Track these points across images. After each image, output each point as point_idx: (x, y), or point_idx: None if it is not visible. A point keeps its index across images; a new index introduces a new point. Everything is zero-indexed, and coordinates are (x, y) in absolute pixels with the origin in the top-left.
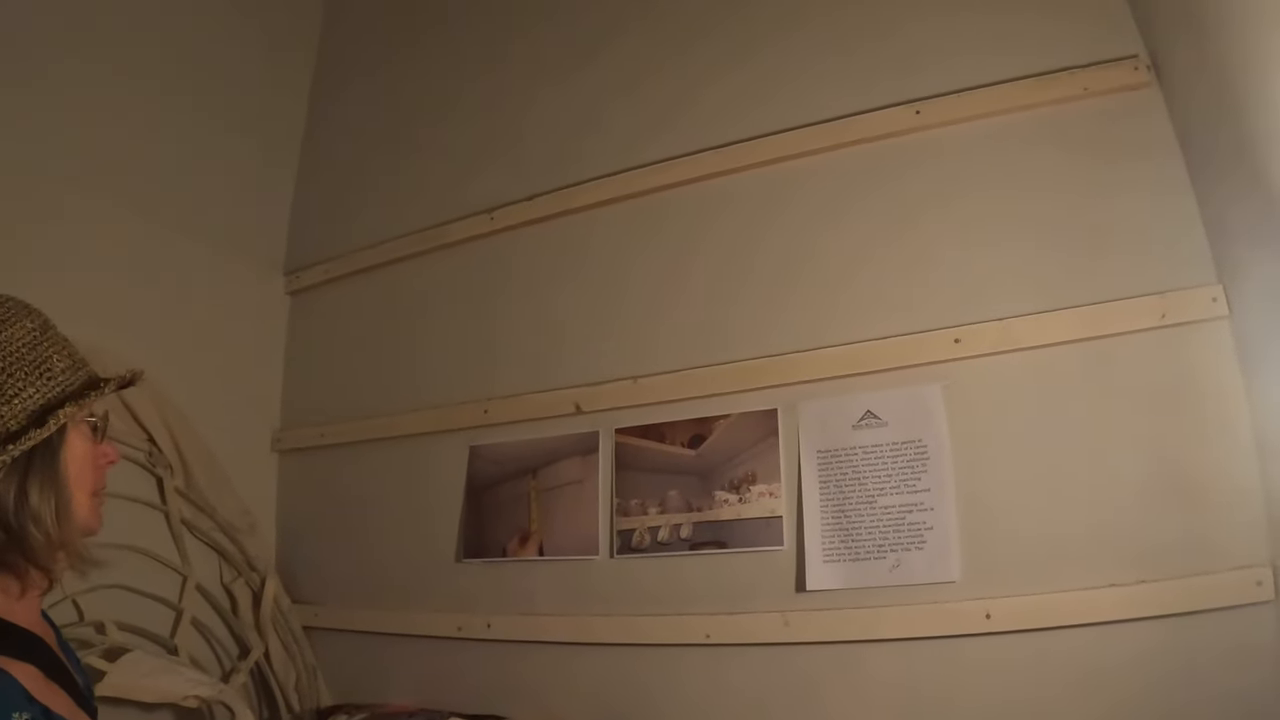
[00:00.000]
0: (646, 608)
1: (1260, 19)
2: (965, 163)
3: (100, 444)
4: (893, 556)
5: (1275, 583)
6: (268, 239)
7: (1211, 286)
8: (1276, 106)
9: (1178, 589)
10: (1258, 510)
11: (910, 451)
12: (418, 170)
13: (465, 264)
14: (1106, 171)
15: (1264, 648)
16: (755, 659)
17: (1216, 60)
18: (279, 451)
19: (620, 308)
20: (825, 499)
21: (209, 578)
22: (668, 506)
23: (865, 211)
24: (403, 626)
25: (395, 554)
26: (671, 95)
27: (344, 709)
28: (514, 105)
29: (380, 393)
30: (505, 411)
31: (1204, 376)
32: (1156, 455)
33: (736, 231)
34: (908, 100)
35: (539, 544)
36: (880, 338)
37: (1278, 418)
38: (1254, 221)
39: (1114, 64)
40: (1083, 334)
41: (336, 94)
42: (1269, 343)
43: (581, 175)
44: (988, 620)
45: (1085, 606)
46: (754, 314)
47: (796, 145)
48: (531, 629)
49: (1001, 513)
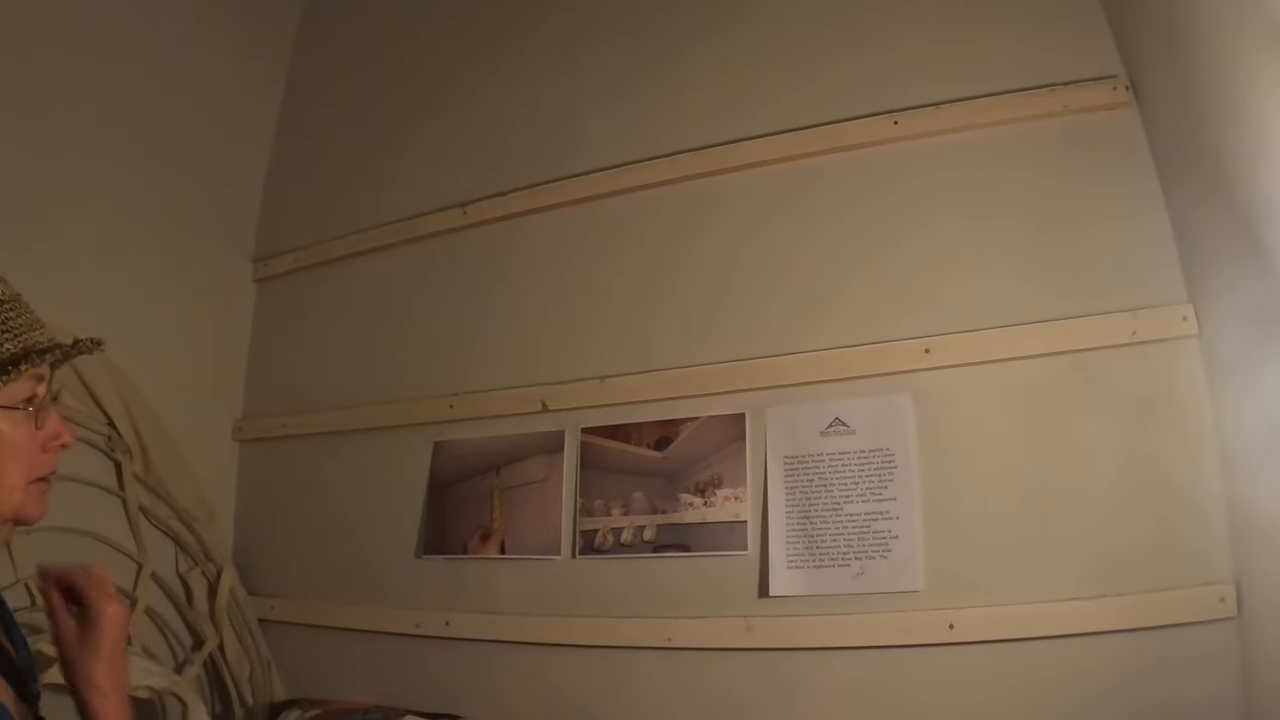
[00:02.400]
0: (608, 609)
1: (1238, 45)
2: (942, 175)
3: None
4: (857, 564)
5: (1238, 599)
6: (236, 225)
7: (1182, 305)
8: (1250, 131)
9: (1141, 603)
10: (1222, 527)
11: (877, 460)
12: (391, 161)
13: (436, 257)
14: (1082, 188)
15: (1226, 664)
16: (717, 664)
17: (1194, 83)
18: (240, 440)
19: (591, 307)
20: (791, 505)
21: (165, 567)
22: (632, 508)
23: (840, 220)
24: (360, 622)
25: (355, 548)
26: (652, 97)
27: (298, 704)
28: (492, 100)
29: (345, 384)
30: (471, 407)
31: (1172, 393)
32: (1122, 470)
33: (712, 235)
34: (886, 111)
35: (500, 542)
36: (850, 345)
37: (1244, 436)
38: (1225, 243)
39: (1094, 83)
40: (1053, 348)
41: (312, 84)
42: (1237, 362)
43: (558, 172)
44: (951, 630)
45: (1048, 619)
46: (725, 318)
47: (774, 151)
48: (491, 628)
49: (967, 524)
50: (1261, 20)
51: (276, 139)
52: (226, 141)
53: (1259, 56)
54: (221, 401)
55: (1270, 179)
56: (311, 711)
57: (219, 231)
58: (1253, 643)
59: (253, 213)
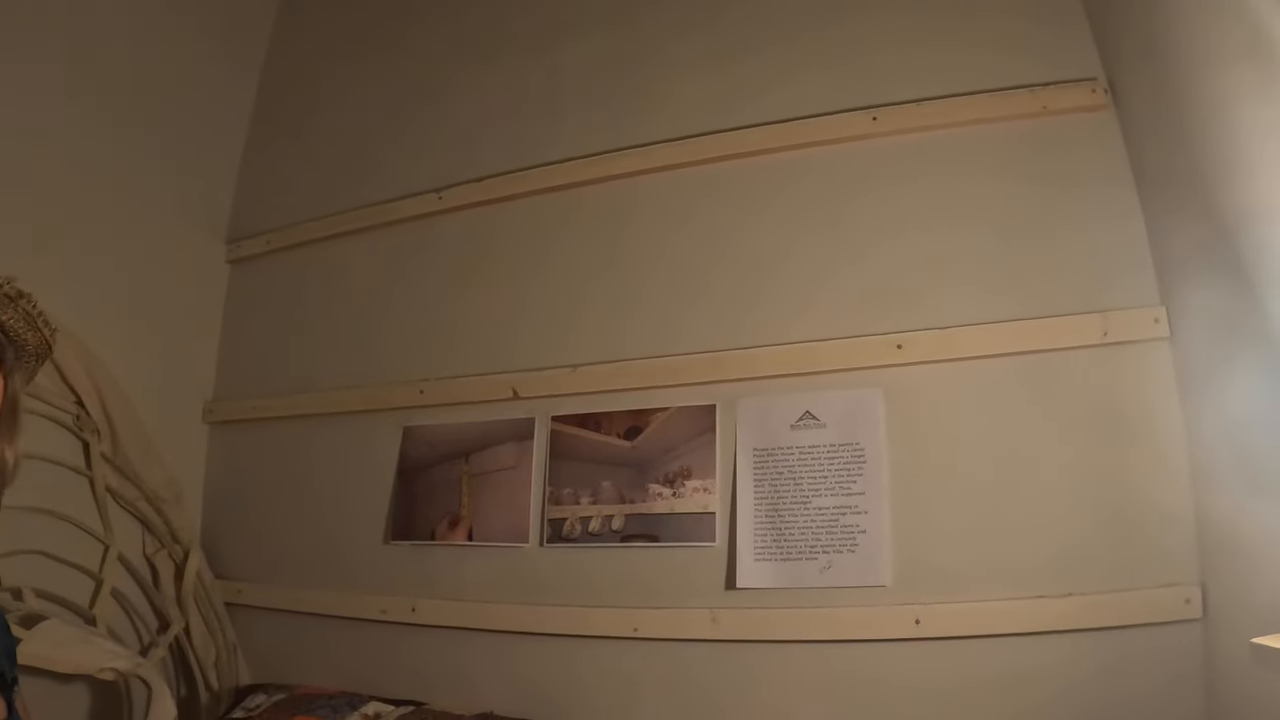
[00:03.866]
0: (575, 598)
1: (1217, 55)
2: (919, 173)
3: None
4: (824, 558)
5: (1203, 601)
6: (210, 206)
7: (1154, 308)
8: (1224, 140)
9: (1106, 603)
10: (1189, 529)
11: (847, 454)
12: (368, 145)
13: (410, 242)
14: (1059, 189)
15: (1189, 665)
16: (684, 654)
17: (1171, 90)
18: (210, 422)
19: (564, 295)
20: (760, 497)
21: (131, 548)
22: (600, 497)
23: (817, 214)
24: (326, 607)
25: (322, 533)
26: (632, 88)
27: (263, 688)
28: (472, 86)
29: (316, 368)
30: (442, 393)
31: (1142, 395)
32: (1092, 470)
33: (687, 226)
34: (866, 106)
35: (469, 529)
36: (823, 339)
37: (1212, 438)
38: (1198, 249)
39: (1073, 85)
40: (1025, 347)
41: (291, 65)
42: (1206, 365)
43: (535, 160)
44: (917, 625)
45: (1014, 616)
46: (698, 309)
47: (752, 144)
48: (457, 615)
49: (935, 519)
50: (1240, 32)
51: (253, 120)
52: (203, 122)
53: (1236, 69)
54: (192, 383)
55: (1243, 188)
56: (276, 696)
57: (193, 212)
58: (1216, 644)
59: (228, 194)
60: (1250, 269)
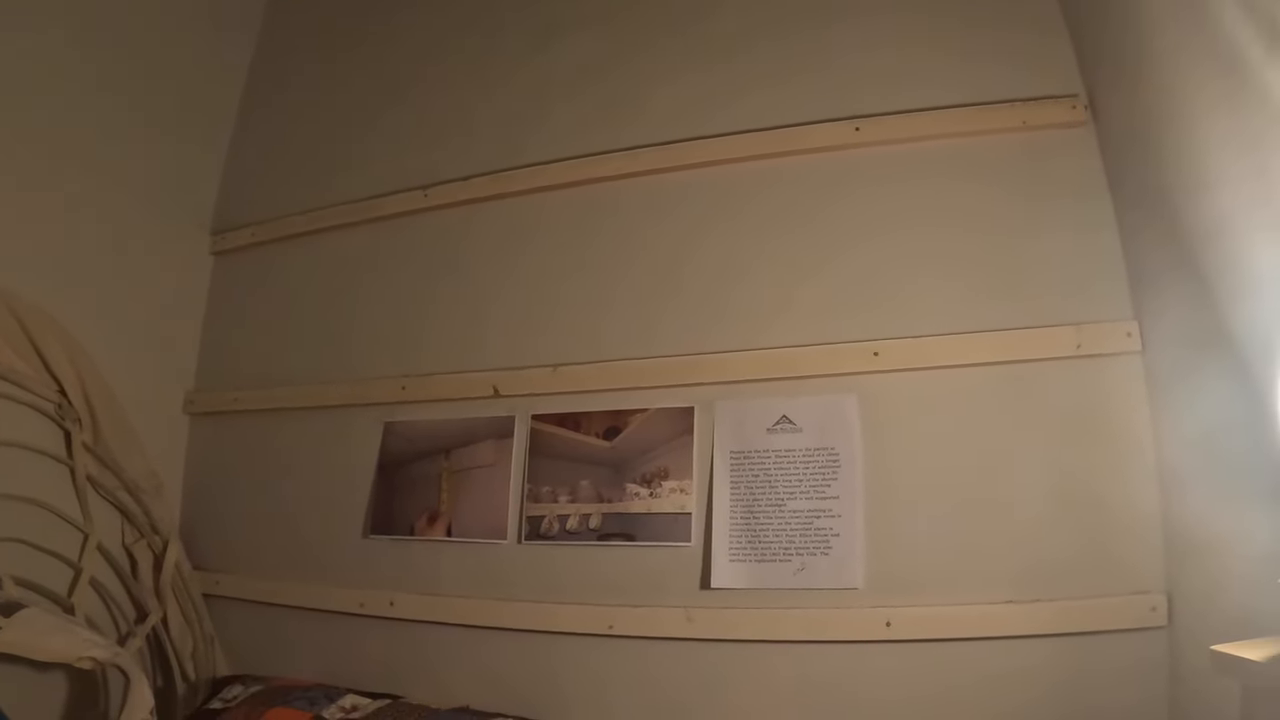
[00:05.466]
0: (552, 595)
1: (1190, 75)
2: (900, 183)
3: None
4: (798, 560)
5: (1169, 609)
6: (196, 197)
7: (1127, 322)
8: (1194, 158)
9: (1075, 609)
10: (1156, 539)
11: (822, 458)
12: (355, 141)
13: (396, 239)
14: (1036, 203)
15: (1155, 671)
16: (658, 652)
17: (1146, 107)
18: (191, 413)
19: (546, 294)
20: (735, 499)
21: (110, 538)
22: (579, 496)
23: (798, 221)
24: (305, 599)
25: (302, 526)
26: (617, 91)
27: (241, 679)
28: (459, 84)
29: (299, 361)
30: (423, 389)
31: (1114, 407)
32: (1062, 479)
33: (670, 230)
34: (848, 116)
35: (447, 524)
36: (801, 345)
37: (1180, 450)
38: (1170, 263)
39: (1053, 100)
40: (999, 357)
41: (280, 57)
42: (1176, 379)
43: (521, 160)
44: (888, 628)
45: (983, 620)
46: (678, 312)
47: (736, 150)
48: (435, 609)
49: (907, 524)
50: (1213, 53)
51: (241, 111)
52: (189, 113)
53: (1209, 88)
54: (173, 373)
55: (1209, 206)
56: (253, 687)
57: (177, 202)
58: (1181, 652)
59: (213, 185)
60: (1214, 285)
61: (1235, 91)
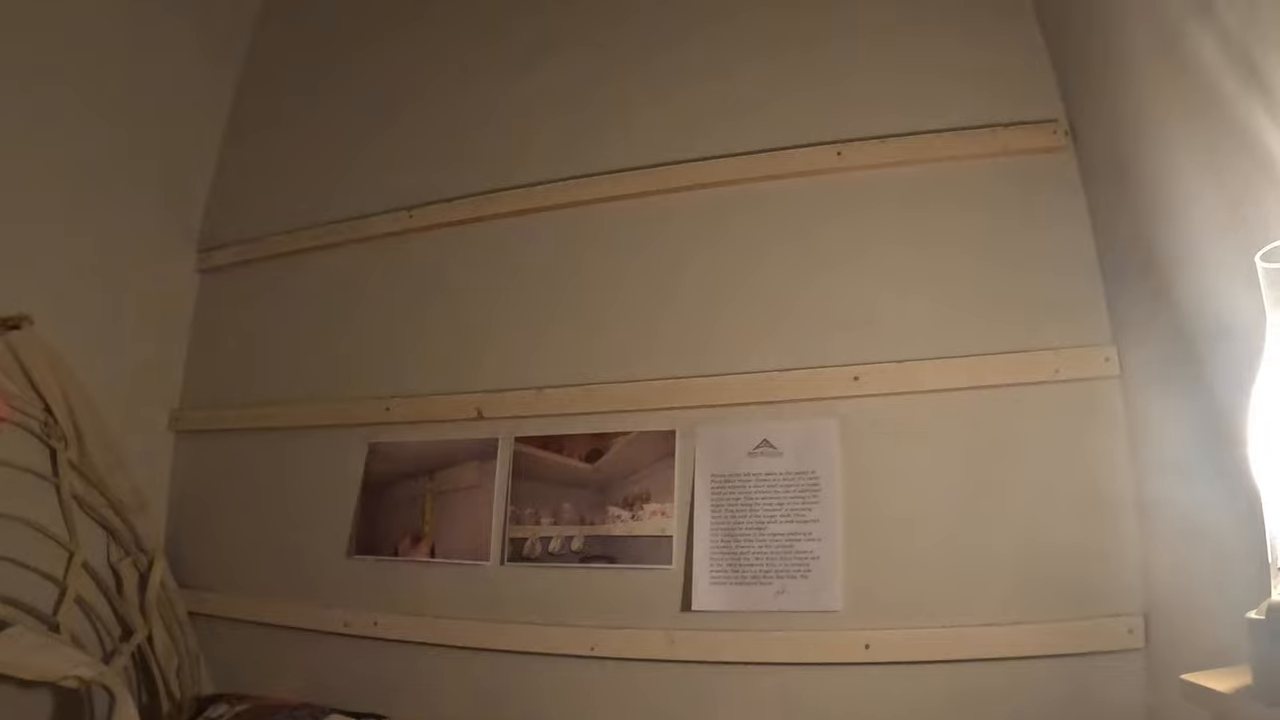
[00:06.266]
0: (534, 616)
1: (1166, 109)
2: (881, 208)
3: None
4: (778, 583)
5: (1146, 631)
6: (182, 215)
7: (1106, 347)
8: (1166, 192)
9: (1052, 631)
10: (1134, 561)
11: (803, 482)
12: (342, 161)
13: (381, 260)
14: (1016, 228)
15: (1132, 693)
16: (639, 674)
17: (1124, 138)
18: (176, 431)
19: (530, 317)
20: (716, 522)
21: (96, 556)
22: (561, 518)
23: (781, 246)
24: (290, 619)
25: (287, 545)
26: (601, 114)
27: (225, 698)
28: (444, 107)
29: (284, 381)
30: (407, 411)
31: (1092, 431)
32: (1040, 503)
33: (654, 254)
34: (831, 141)
35: (431, 545)
36: (783, 369)
37: (1158, 476)
38: (1147, 293)
39: (1034, 126)
40: (977, 382)
41: (268, 77)
42: (1153, 405)
43: (505, 182)
44: (867, 651)
45: (961, 643)
46: (661, 336)
47: (720, 174)
48: (418, 630)
49: (886, 548)
50: (1189, 86)
51: (228, 130)
52: (177, 131)
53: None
54: (159, 391)
55: (1182, 235)
56: (238, 706)
57: (165, 220)
58: (1157, 673)
59: (200, 203)
60: (1186, 313)
61: (1209, 124)
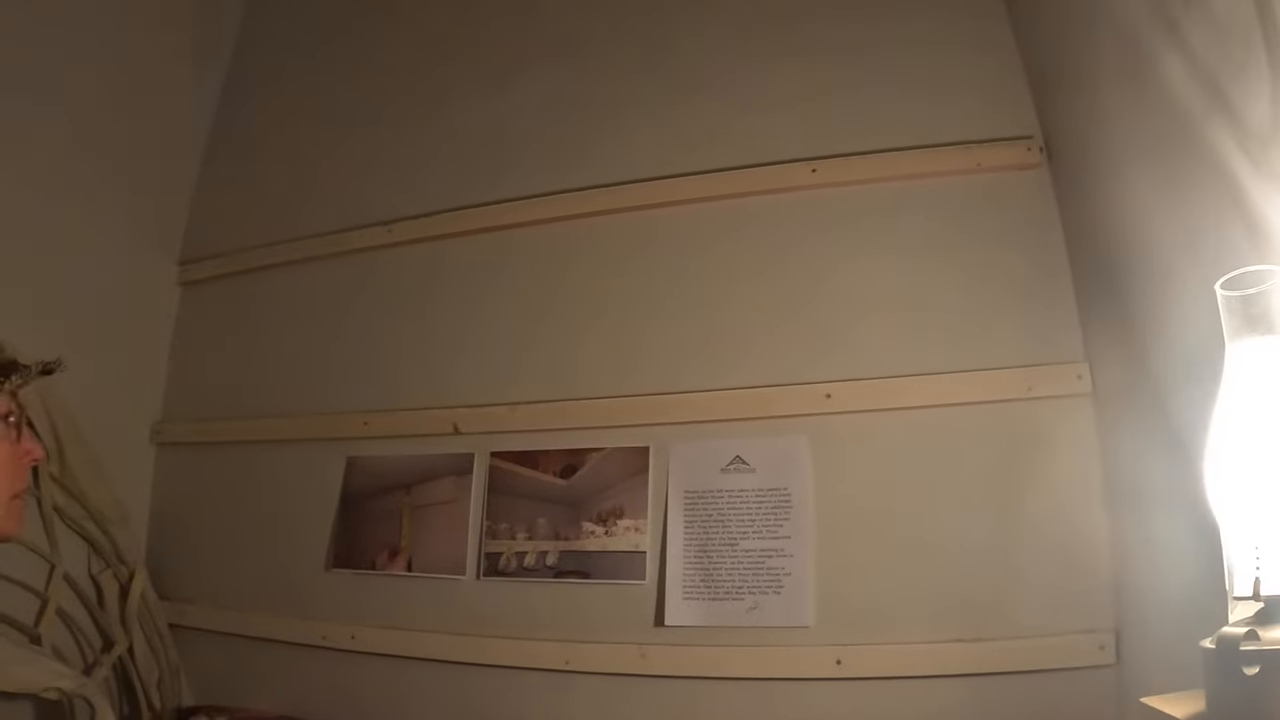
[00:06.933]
0: (508, 630)
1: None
2: (855, 224)
3: (21, 440)
4: (750, 598)
5: (1117, 647)
6: (163, 228)
7: (1078, 364)
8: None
9: (1024, 648)
10: (1105, 578)
11: (775, 499)
12: (321, 176)
13: (360, 274)
14: (990, 245)
15: (1103, 708)
16: (614, 689)
17: (1096, 157)
18: (158, 444)
19: (506, 333)
20: (689, 538)
21: (77, 567)
22: (536, 533)
23: (754, 263)
24: (268, 631)
25: (266, 557)
26: (582, 131)
27: (205, 710)
28: (421, 122)
29: (264, 394)
30: (385, 425)
31: (1064, 448)
32: (1013, 519)
33: (627, 271)
34: (805, 158)
35: (408, 559)
36: (755, 386)
37: (1129, 494)
38: (1117, 316)
39: (1008, 142)
40: (950, 399)
41: (249, 91)
42: (1123, 424)
43: (481, 198)
44: (838, 666)
45: (932, 659)
46: (635, 353)
47: (695, 191)
48: (395, 643)
49: (858, 564)
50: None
51: (210, 143)
52: (158, 144)
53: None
54: (140, 404)
55: (1148, 256)
56: (218, 718)
57: (146, 233)
58: (1128, 691)
59: (181, 218)
60: (1150, 336)
61: (1175, 146)
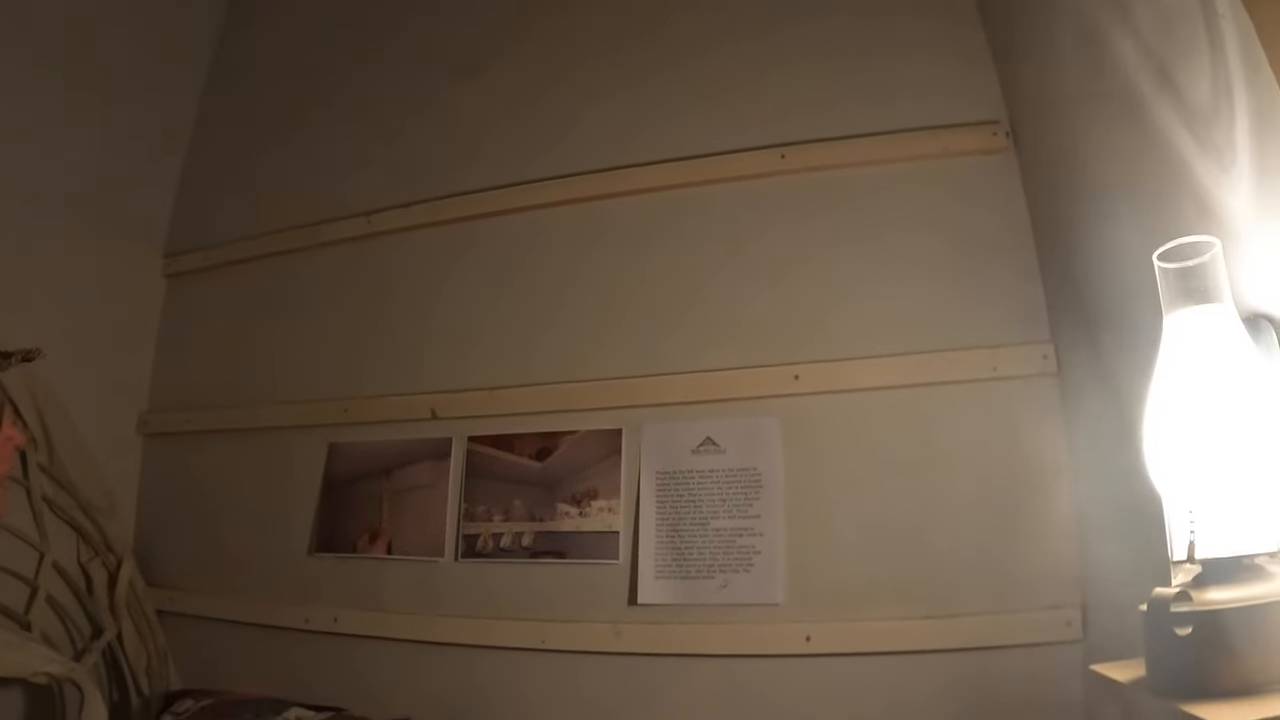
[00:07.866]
0: (487, 611)
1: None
2: (823, 209)
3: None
4: (721, 577)
5: (1083, 623)
6: (149, 220)
7: (1043, 344)
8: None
9: (991, 624)
10: (1072, 555)
11: (745, 479)
12: (303, 167)
13: (340, 264)
14: (957, 227)
15: (1070, 683)
16: (588, 666)
17: (1059, 140)
18: (145, 434)
19: (481, 319)
20: (661, 518)
21: (66, 556)
22: (512, 515)
23: (724, 247)
24: (253, 615)
25: (251, 543)
26: (552, 118)
27: (191, 694)
28: (400, 112)
29: (248, 383)
30: (365, 412)
31: (1029, 427)
32: (979, 498)
33: (600, 257)
34: (775, 144)
35: (388, 542)
36: (725, 369)
37: (1095, 470)
38: (1076, 295)
39: (974, 127)
40: (915, 379)
41: (231, 84)
42: (1086, 402)
43: (459, 187)
44: (808, 642)
45: (900, 635)
46: (607, 337)
47: (666, 178)
48: (377, 625)
49: (826, 542)
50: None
51: (194, 135)
52: (143, 135)
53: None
54: (127, 394)
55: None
56: (204, 701)
57: (132, 225)
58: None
59: (166, 209)
60: (1104, 317)
61: (1127, 126)
